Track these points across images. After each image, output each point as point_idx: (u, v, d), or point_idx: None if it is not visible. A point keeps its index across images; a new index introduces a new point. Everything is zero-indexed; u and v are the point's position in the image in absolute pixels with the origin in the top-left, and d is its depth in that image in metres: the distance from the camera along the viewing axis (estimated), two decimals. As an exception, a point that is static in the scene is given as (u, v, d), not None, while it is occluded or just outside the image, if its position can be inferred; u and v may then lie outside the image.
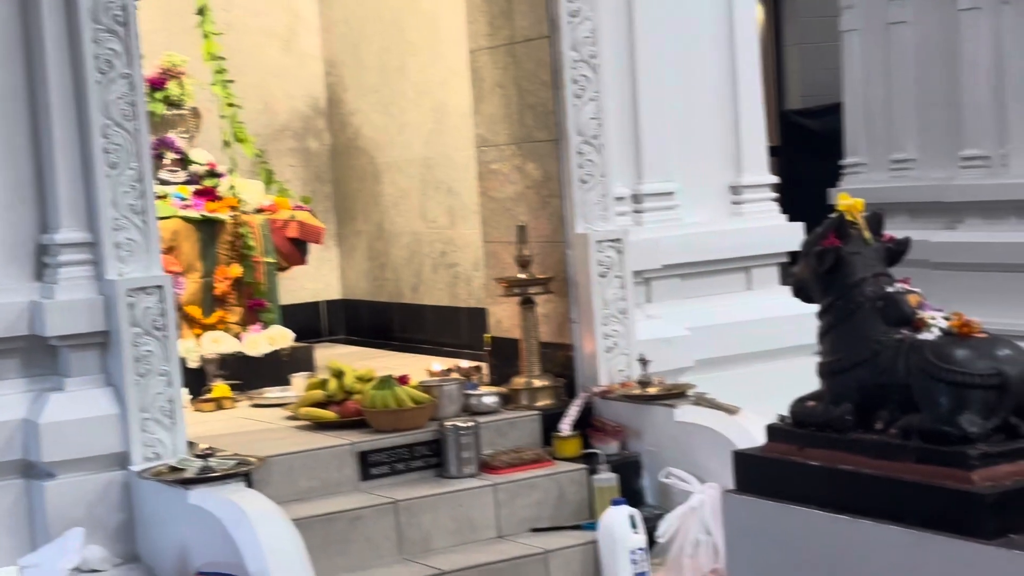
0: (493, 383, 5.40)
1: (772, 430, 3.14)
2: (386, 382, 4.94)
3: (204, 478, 4.09)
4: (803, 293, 3.10)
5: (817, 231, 3.04)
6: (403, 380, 5.07)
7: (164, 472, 4.18)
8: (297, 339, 6.20)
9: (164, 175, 5.99)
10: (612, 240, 5.15)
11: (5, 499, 4.18)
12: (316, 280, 7.41)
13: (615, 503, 4.58)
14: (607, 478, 4.75)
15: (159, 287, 4.32)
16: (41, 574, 3.72)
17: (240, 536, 3.83)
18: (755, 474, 3.10)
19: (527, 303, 5.21)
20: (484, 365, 5.61)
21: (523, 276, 5.21)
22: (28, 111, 4.28)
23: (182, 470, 4.16)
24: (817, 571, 2.93)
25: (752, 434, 4.34)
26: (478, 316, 6.42)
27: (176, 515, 4.08)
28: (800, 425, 3.05)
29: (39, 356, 4.29)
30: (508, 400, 5.17)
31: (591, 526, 4.63)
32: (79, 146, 4.27)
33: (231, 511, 3.92)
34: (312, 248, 6.51)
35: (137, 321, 4.27)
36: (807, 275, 3.04)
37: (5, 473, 4.19)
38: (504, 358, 5.39)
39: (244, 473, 4.17)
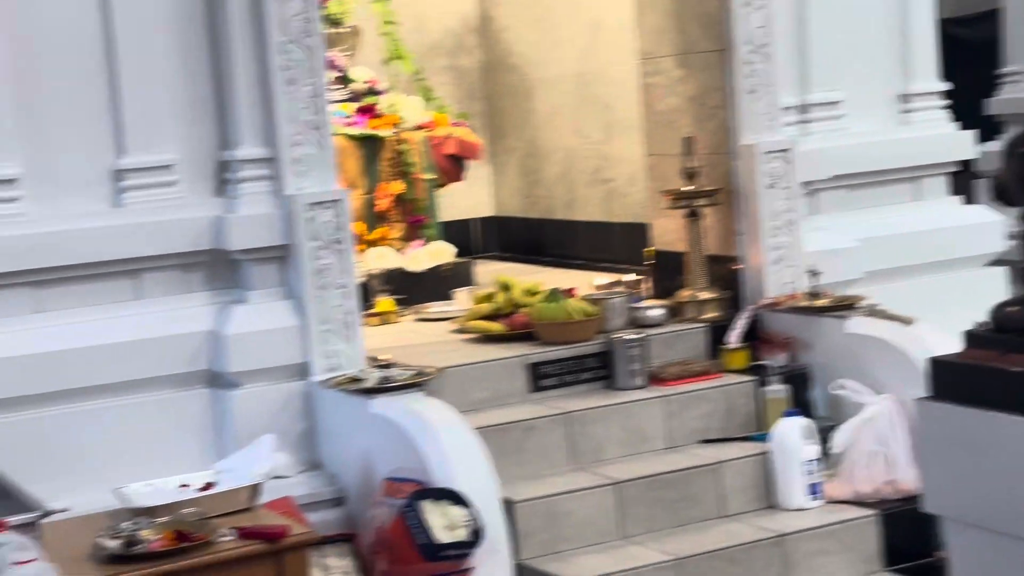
0: (656, 297, 5.40)
1: (971, 336, 3.09)
2: (555, 295, 4.98)
3: (384, 388, 4.18)
4: (1004, 196, 3.03)
5: (1020, 132, 2.97)
6: (570, 293, 5.11)
7: (345, 382, 4.28)
8: (455, 255, 6.27)
9: (327, 93, 6.05)
10: (779, 151, 5.10)
11: (193, 408, 4.31)
12: (470, 197, 7.46)
13: (788, 414, 4.57)
14: (778, 390, 4.74)
15: (336, 201, 4.40)
16: (236, 478, 3.84)
17: (424, 444, 3.91)
18: (952, 381, 3.06)
19: (692, 216, 5.19)
20: (645, 279, 5.61)
21: (689, 188, 5.19)
22: (208, 31, 4.35)
23: (362, 380, 4.25)
24: (1017, 478, 2.89)
25: (928, 345, 4.28)
26: (633, 231, 6.42)
27: (358, 424, 4.18)
28: (1001, 331, 3.00)
29: (222, 270, 4.40)
30: (674, 313, 5.17)
31: (762, 437, 4.63)
32: (257, 64, 4.34)
33: (414, 419, 4.01)
34: (468, 165, 6.55)
35: (316, 235, 4.35)
36: (1009, 177, 2.97)
37: (193, 383, 4.32)
38: (667, 272, 5.39)
39: (422, 383, 4.25)
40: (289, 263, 4.39)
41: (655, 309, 5.13)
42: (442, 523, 3.66)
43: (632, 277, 5.63)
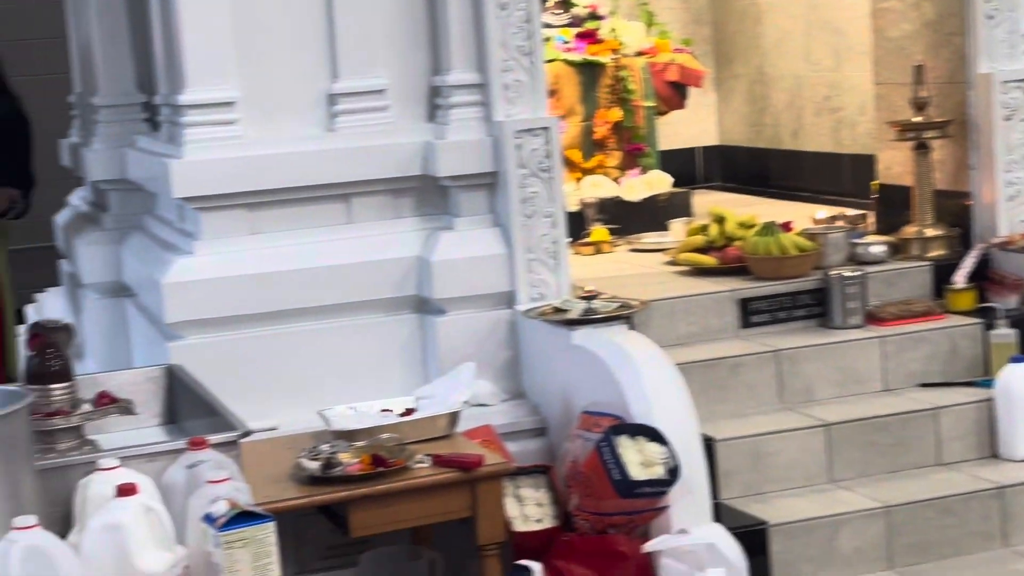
0: (879, 232, 5.18)
1: None
2: (769, 229, 4.82)
3: (587, 319, 4.12)
4: None
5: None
6: (786, 227, 4.94)
7: (548, 312, 4.24)
8: (674, 185, 6.15)
9: (547, 18, 5.97)
10: (1019, 80, 4.79)
11: (401, 333, 4.35)
12: (693, 126, 7.31)
13: (1015, 360, 4.33)
14: (1006, 334, 4.49)
15: (545, 129, 4.33)
16: (435, 405, 3.85)
17: (624, 378, 3.84)
18: None
19: (921, 148, 4.94)
20: (870, 213, 5.40)
21: (918, 119, 4.93)
22: (420, -45, 4.33)
23: (566, 311, 4.20)
24: None
25: None
26: (862, 163, 6.17)
27: (559, 355, 4.14)
28: None
29: (431, 196, 4.40)
30: (896, 250, 4.95)
31: (986, 383, 4.40)
32: (469, -12, 4.30)
33: (615, 353, 3.94)
34: (690, 92, 6.39)
35: (524, 162, 4.30)
36: None
37: (401, 308, 4.35)
38: (892, 206, 5.16)
39: (626, 316, 4.17)
40: (497, 190, 4.36)
41: (877, 245, 4.92)
42: (638, 459, 3.59)
43: (854, 211, 5.41)
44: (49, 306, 5.63)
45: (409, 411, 3.89)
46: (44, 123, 5.57)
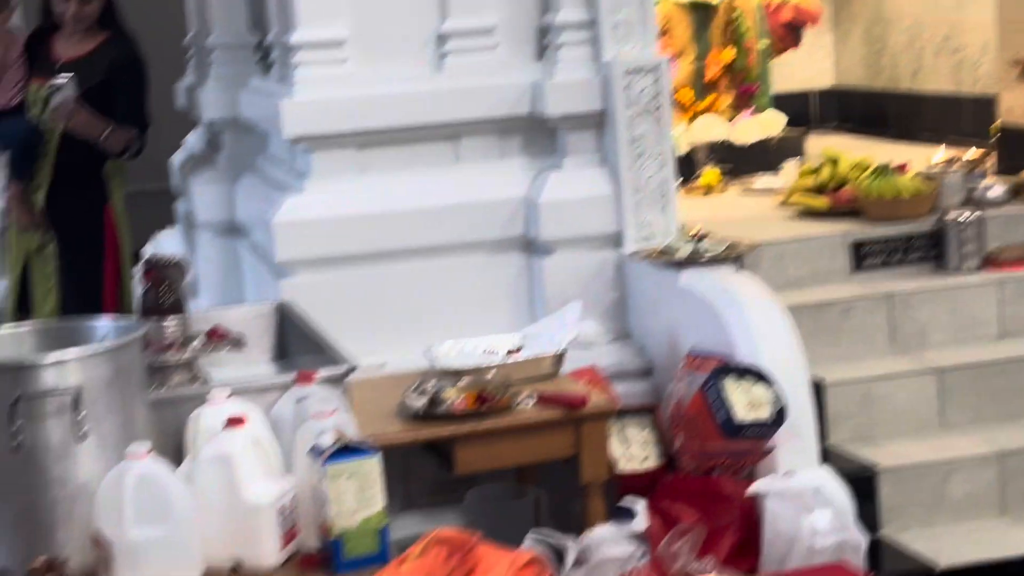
0: (999, 174, 5.06)
1: None
2: (883, 170, 4.73)
3: (695, 260, 4.09)
4: None
5: None
6: (902, 169, 4.84)
7: (655, 253, 4.21)
8: (787, 127, 6.06)
9: (658, -43, 5.90)
10: None
11: (508, 273, 4.35)
12: (808, 67, 7.18)
13: None
14: None
15: (655, 68, 4.28)
16: (541, 344, 3.86)
17: (730, 319, 3.81)
18: None
19: (1044, 88, 4.80)
20: (989, 155, 5.26)
21: (1041, 58, 4.79)
22: None
23: (673, 252, 4.17)
24: None
25: None
26: (984, 105, 6.01)
27: (666, 296, 4.12)
28: None
29: (538, 136, 4.39)
30: (1017, 193, 4.83)
31: (1107, 330, 4.29)
32: (578, -75, 4.25)
33: (722, 294, 3.90)
34: (805, 33, 6.27)
35: (632, 102, 4.26)
36: None
37: (508, 248, 4.35)
38: (1014, 148, 5.02)
39: (734, 258, 4.13)
40: (605, 130, 4.32)
41: (996, 188, 4.80)
42: (744, 401, 3.56)
43: (973, 153, 5.28)
44: (165, 246, 5.74)
45: (515, 350, 3.90)
46: (160, 65, 5.65)
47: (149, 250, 5.86)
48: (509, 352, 3.89)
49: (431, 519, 3.98)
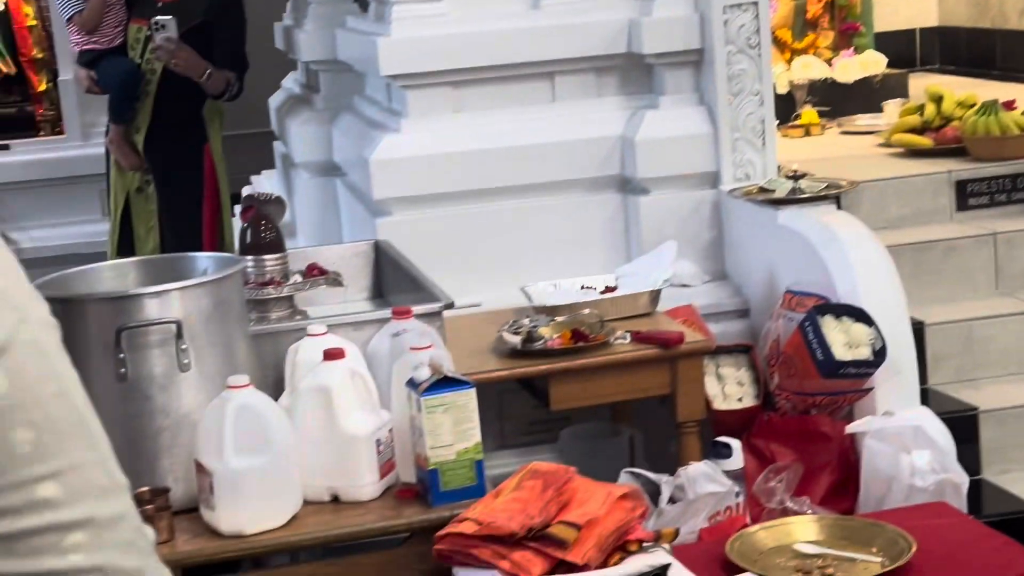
0: (1110, 113, 4.91)
1: None
2: (990, 107, 4.62)
3: (794, 199, 4.03)
4: None
5: None
6: (1009, 106, 4.72)
7: (754, 192, 4.16)
8: (889, 66, 5.94)
9: None
10: None
11: (604, 212, 4.33)
12: (911, 5, 7.02)
13: None
14: None
15: (754, 4, 4.21)
16: (636, 283, 3.84)
17: (830, 257, 3.76)
18: None
19: None
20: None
21: None
22: None
23: (771, 191, 4.12)
24: None
25: None
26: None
27: (764, 235, 4.07)
28: None
29: (635, 74, 4.35)
30: None
31: None
32: None
33: (821, 232, 3.85)
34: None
35: (731, 39, 4.20)
36: None
37: (604, 187, 4.33)
38: (1125, 85, 4.87)
39: (834, 196, 4.07)
40: (703, 68, 4.27)
41: (1106, 126, 4.66)
42: (842, 340, 3.52)
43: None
44: (264, 188, 5.80)
45: (610, 289, 3.89)
46: (258, 6, 5.69)
47: (247, 192, 5.92)
48: (605, 290, 3.88)
49: (525, 457, 3.98)
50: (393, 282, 3.66)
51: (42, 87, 7.82)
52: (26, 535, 0.98)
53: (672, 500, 3.14)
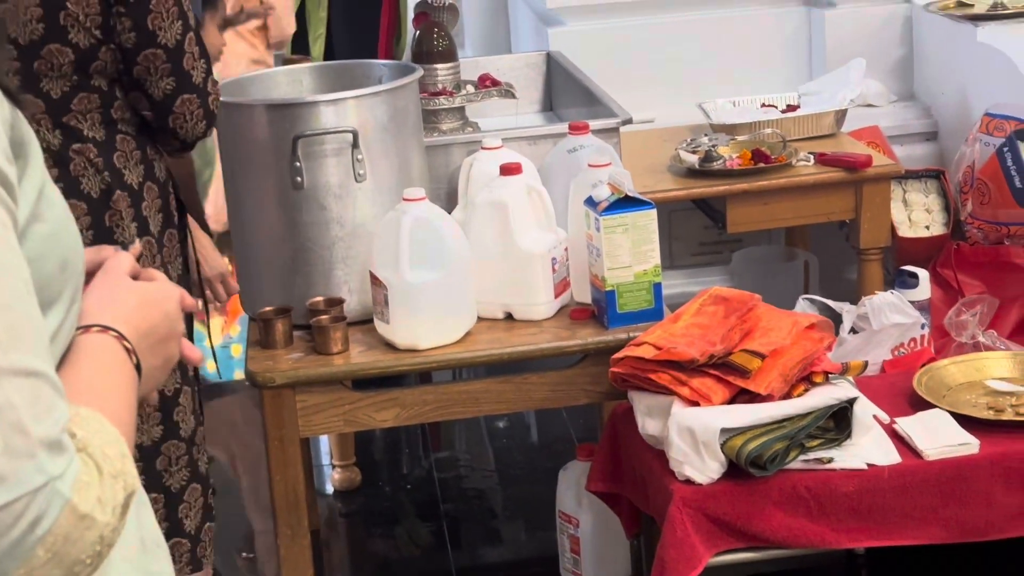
0: None
1: None
2: None
3: (996, 15, 3.78)
4: None
5: None
6: None
7: (950, 7, 3.91)
8: None
9: None
10: None
11: (787, 26, 4.13)
12: None
13: None
14: None
15: None
16: (821, 102, 3.66)
17: (1033, 79, 3.53)
18: None
19: None
20: None
21: None
22: None
23: (971, 5, 3.87)
24: None
25: None
26: None
27: (960, 54, 3.84)
28: None
29: None
30: None
31: None
32: None
33: (1025, 51, 3.61)
34: None
35: None
36: None
37: (788, 0, 4.13)
38: None
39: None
40: None
41: None
42: (1043, 167, 3.32)
43: None
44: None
45: (792, 107, 3.72)
46: None
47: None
48: (786, 109, 3.71)
49: (694, 279, 3.91)
50: (565, 95, 3.54)
51: None
52: None
53: (853, 330, 3.02)
